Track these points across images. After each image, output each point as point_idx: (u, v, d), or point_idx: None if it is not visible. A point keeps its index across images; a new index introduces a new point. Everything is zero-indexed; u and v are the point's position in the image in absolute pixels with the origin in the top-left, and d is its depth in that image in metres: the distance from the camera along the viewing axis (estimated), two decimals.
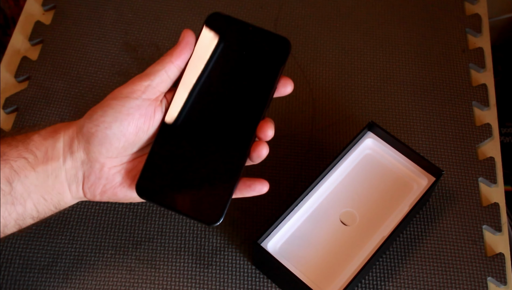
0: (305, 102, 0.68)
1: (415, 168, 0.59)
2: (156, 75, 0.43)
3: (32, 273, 0.55)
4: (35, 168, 0.43)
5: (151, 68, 0.44)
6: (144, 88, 0.43)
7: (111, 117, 0.42)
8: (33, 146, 0.43)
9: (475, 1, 0.77)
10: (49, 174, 0.43)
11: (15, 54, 0.70)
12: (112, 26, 0.73)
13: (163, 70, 0.43)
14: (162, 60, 0.44)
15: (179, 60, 0.44)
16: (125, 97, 0.43)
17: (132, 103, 0.43)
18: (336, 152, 0.64)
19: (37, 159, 0.43)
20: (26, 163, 0.43)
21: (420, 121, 0.67)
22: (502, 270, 0.57)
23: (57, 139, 0.44)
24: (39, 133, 0.44)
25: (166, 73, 0.44)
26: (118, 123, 0.42)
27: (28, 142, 0.43)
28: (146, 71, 0.44)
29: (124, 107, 0.42)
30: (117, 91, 0.43)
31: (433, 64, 0.72)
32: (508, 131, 1.05)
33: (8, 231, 0.44)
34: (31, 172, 0.43)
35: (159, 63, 0.44)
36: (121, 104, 0.42)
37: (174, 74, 0.44)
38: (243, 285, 0.56)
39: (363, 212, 0.57)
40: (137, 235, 0.58)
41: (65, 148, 0.43)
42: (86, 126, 0.43)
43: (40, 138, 0.44)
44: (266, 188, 0.45)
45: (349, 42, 0.73)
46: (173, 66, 0.44)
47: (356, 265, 0.53)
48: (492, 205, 0.61)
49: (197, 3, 0.75)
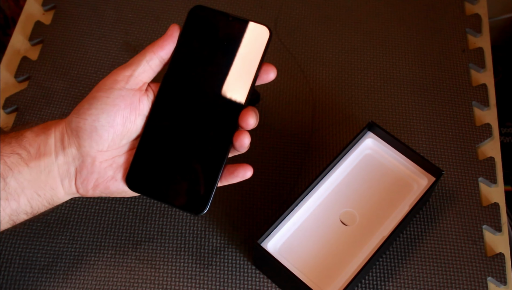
0: (305, 102, 0.68)
1: (415, 168, 0.59)
2: (138, 65, 0.44)
3: (32, 273, 0.55)
4: (28, 164, 0.43)
5: (133, 58, 0.45)
6: (126, 78, 0.44)
7: (98, 110, 0.43)
8: (26, 142, 0.44)
9: (475, 1, 0.77)
10: (42, 169, 0.44)
11: (15, 54, 0.70)
12: (112, 26, 0.73)
13: (144, 60, 0.44)
14: (144, 50, 0.45)
15: (162, 51, 0.44)
16: (109, 88, 0.43)
17: (117, 93, 0.43)
18: (336, 152, 0.64)
19: (30, 154, 0.43)
20: (19, 158, 0.43)
21: (420, 121, 0.67)
22: (502, 270, 0.57)
23: (48, 135, 0.44)
24: (32, 130, 0.45)
25: (147, 63, 0.44)
26: (105, 115, 0.43)
27: (21, 139, 0.44)
28: (129, 61, 0.45)
29: (109, 99, 0.43)
30: (101, 83, 0.44)
31: (433, 64, 0.72)
32: (508, 131, 1.05)
33: (3, 227, 0.44)
34: (25, 167, 0.43)
35: (141, 53, 0.45)
36: (106, 95, 0.43)
37: (156, 64, 0.45)
38: (243, 285, 0.56)
39: (363, 212, 0.57)
40: (137, 235, 0.58)
41: (57, 144, 0.44)
42: (74, 121, 0.44)
43: (32, 134, 0.44)
44: (249, 172, 0.45)
45: (349, 42, 0.73)
46: (154, 57, 0.44)
47: (356, 265, 0.53)
48: (492, 205, 0.61)
49: (196, 3, 0.75)
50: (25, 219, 0.45)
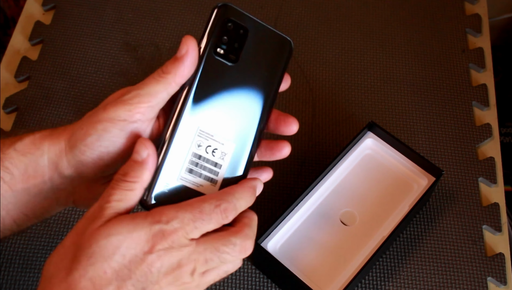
0: (305, 102, 0.68)
1: (415, 168, 0.59)
2: (157, 97, 0.38)
3: (32, 273, 0.55)
4: (12, 188, 0.39)
5: (149, 85, 0.38)
6: (143, 110, 0.38)
7: (108, 142, 0.38)
8: (10, 163, 0.39)
9: (475, 1, 0.77)
10: (31, 192, 0.39)
11: (15, 54, 0.70)
12: (112, 26, 0.73)
13: (164, 91, 0.38)
14: (164, 78, 0.38)
15: (182, 80, 0.39)
16: (123, 120, 0.38)
17: (131, 126, 0.38)
18: (336, 152, 0.64)
19: (14, 177, 0.39)
20: (2, 182, 0.38)
21: (420, 121, 0.67)
22: (502, 270, 0.57)
23: (39, 156, 0.39)
24: (15, 149, 0.39)
25: (166, 92, 0.38)
26: (116, 149, 0.38)
27: (3, 159, 0.39)
28: (144, 88, 0.38)
29: (122, 132, 0.38)
30: (113, 111, 0.38)
31: (433, 64, 0.72)
32: (508, 131, 1.05)
33: None
34: (7, 192, 0.39)
35: (160, 81, 0.38)
36: (120, 128, 0.38)
37: (174, 90, 0.39)
38: (243, 285, 0.56)
39: (363, 212, 0.57)
40: None
41: (51, 166, 0.39)
42: (79, 149, 0.38)
43: (17, 154, 0.39)
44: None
45: (349, 42, 0.73)
46: (175, 85, 0.39)
47: (356, 265, 0.53)
48: (492, 205, 0.61)
49: (197, 3, 0.75)
50: (9, 234, 0.42)
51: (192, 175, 0.40)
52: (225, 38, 0.41)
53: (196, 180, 0.40)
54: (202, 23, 0.73)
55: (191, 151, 0.40)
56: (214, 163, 0.40)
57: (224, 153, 0.41)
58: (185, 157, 0.40)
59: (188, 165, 0.40)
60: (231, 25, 0.41)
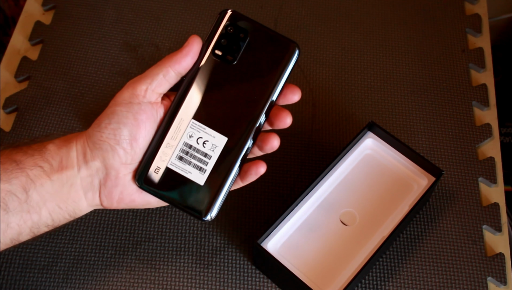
0: (305, 102, 0.68)
1: (415, 168, 0.59)
2: (154, 79, 0.44)
3: (32, 273, 0.55)
4: (50, 177, 0.43)
5: (149, 70, 0.44)
6: (143, 92, 0.44)
7: (120, 124, 0.43)
8: (49, 155, 0.44)
9: (475, 1, 0.77)
10: (64, 182, 0.43)
11: (15, 54, 0.70)
12: (112, 26, 0.73)
13: (160, 74, 0.44)
14: (161, 63, 0.44)
15: (178, 66, 0.44)
16: (128, 102, 0.44)
17: (136, 107, 0.43)
18: (336, 152, 0.64)
19: (53, 167, 0.43)
20: (42, 171, 0.43)
21: (420, 121, 0.67)
22: (502, 270, 0.57)
23: (70, 149, 0.44)
24: (54, 143, 0.45)
25: (164, 77, 0.44)
26: (127, 129, 0.43)
27: (44, 152, 0.44)
28: (145, 73, 0.44)
29: (129, 113, 0.43)
30: (118, 97, 0.44)
31: (433, 64, 0.72)
32: (508, 131, 1.05)
33: (23, 238, 0.44)
34: (47, 180, 0.43)
35: (157, 65, 0.44)
36: (126, 110, 0.43)
37: (172, 78, 0.44)
38: (243, 285, 0.56)
39: (363, 212, 0.57)
40: (137, 235, 0.58)
41: (79, 157, 0.44)
42: (96, 135, 0.44)
43: (54, 147, 0.44)
44: (263, 168, 0.45)
45: (349, 42, 0.73)
46: (171, 71, 0.44)
47: (356, 265, 0.53)
48: (492, 205, 0.61)
49: (197, 3, 0.75)
50: (46, 231, 0.45)
51: (182, 162, 0.44)
52: (223, 40, 0.45)
53: (186, 167, 0.44)
54: (202, 23, 0.73)
55: (182, 140, 0.44)
56: (204, 153, 0.44)
57: (214, 145, 0.44)
58: (176, 145, 0.44)
59: (178, 152, 0.44)
60: (231, 28, 0.45)
